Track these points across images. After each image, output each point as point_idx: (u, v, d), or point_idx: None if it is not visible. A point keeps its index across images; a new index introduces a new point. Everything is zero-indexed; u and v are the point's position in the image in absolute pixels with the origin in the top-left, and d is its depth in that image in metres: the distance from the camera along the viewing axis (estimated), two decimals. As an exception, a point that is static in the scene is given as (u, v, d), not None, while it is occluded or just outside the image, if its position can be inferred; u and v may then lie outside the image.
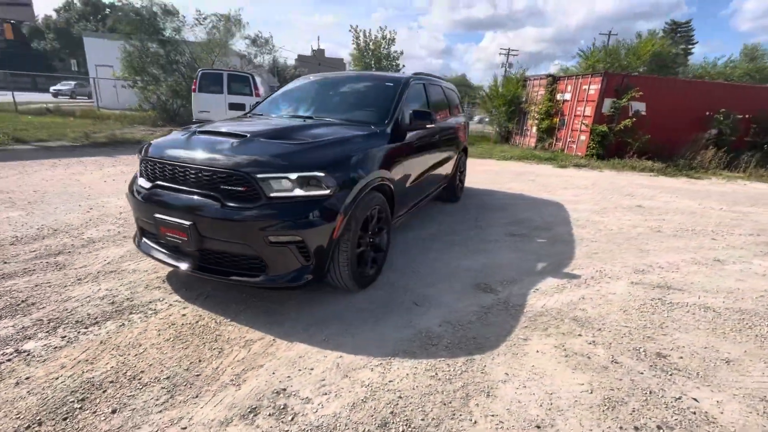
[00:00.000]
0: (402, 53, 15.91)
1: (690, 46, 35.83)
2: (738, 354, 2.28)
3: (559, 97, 12.84)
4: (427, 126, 3.46)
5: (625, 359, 2.18)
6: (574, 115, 12.05)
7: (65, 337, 2.11)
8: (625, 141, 11.02)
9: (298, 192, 2.22)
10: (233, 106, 10.19)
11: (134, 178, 2.67)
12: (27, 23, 34.29)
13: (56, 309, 2.36)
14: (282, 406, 1.71)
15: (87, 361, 1.93)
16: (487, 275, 3.18)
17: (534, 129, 13.77)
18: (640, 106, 11.09)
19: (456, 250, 3.68)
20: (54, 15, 33.83)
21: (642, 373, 2.06)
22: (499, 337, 2.32)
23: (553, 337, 2.35)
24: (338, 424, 1.63)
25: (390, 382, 1.90)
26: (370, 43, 15.17)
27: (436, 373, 1.98)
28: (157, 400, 1.71)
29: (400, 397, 1.80)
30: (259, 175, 2.16)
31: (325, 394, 1.81)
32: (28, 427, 1.54)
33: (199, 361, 1.97)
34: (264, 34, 15.68)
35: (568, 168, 9.69)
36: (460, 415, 1.72)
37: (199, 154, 2.32)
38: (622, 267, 3.50)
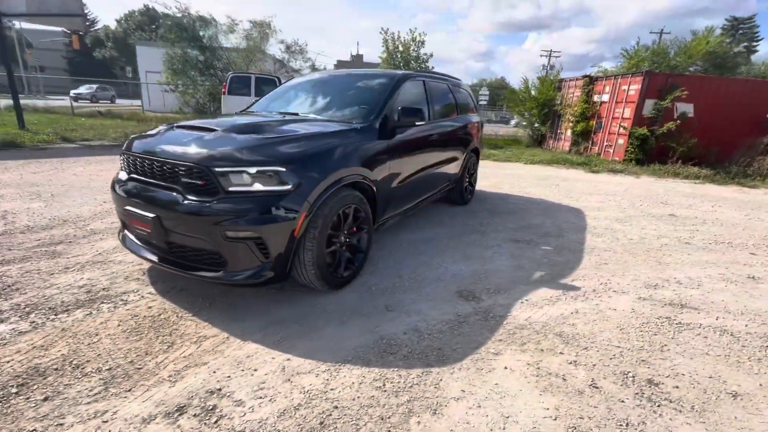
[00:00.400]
0: (431, 55, 15.77)
1: (754, 44, 32.72)
2: (750, 388, 1.95)
3: (596, 98, 12.12)
4: (417, 123, 3.30)
5: (606, 384, 1.92)
6: (612, 118, 11.31)
7: (34, 322, 2.18)
8: (668, 145, 10.18)
9: (258, 187, 2.17)
10: (260, 108, 10.48)
11: (117, 173, 2.75)
12: (90, 33, 37.66)
13: (36, 295, 2.45)
14: (211, 407, 1.65)
15: (42, 347, 1.97)
16: (475, 282, 2.97)
17: (568, 132, 13.08)
18: (687, 108, 10.21)
19: (448, 255, 3.49)
20: (114, 25, 36.99)
21: (623, 402, 1.80)
22: (466, 350, 2.13)
23: (528, 354, 2.13)
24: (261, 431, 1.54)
25: (331, 390, 1.78)
26: (399, 46, 15.10)
27: (384, 384, 1.83)
28: (91, 391, 1.70)
29: (336, 407, 1.68)
30: (217, 169, 2.13)
31: (260, 397, 1.72)
32: (-37, 408, 1.58)
33: (146, 354, 1.96)
34: (299, 40, 15.99)
35: (600, 173, 9.08)
36: (395, 432, 1.57)
37: (166, 148, 2.33)
38: (633, 280, 3.15)
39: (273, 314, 2.39)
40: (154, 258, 2.39)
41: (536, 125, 14.73)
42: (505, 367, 2.01)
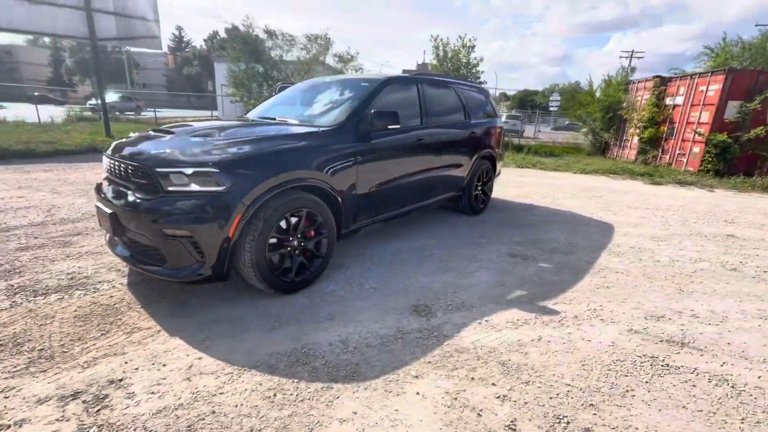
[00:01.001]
0: (482, 59, 15.18)
1: None
2: (723, 457, 1.53)
3: (668, 101, 10.75)
4: (392, 127, 3.16)
5: (527, 427, 1.63)
6: (686, 123, 9.94)
7: (14, 302, 2.47)
8: (757, 154, 8.64)
9: (194, 187, 2.23)
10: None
11: (106, 173, 3.03)
12: (182, 53, 43.17)
13: (30, 278, 2.79)
14: (102, 396, 1.71)
15: (3, 324, 2.22)
16: (439, 297, 2.75)
17: (635, 139, 11.77)
18: (783, 110, 8.60)
19: (426, 266, 3.28)
20: (201, 45, 42.01)
21: (537, 451, 1.52)
22: (385, 369, 1.97)
23: (454, 381, 1.90)
24: (131, 426, 1.56)
25: (221, 394, 1.75)
26: (449, 52, 14.81)
27: (275, 395, 1.76)
28: (15, 367, 1.87)
29: (213, 412, 1.65)
30: (157, 169, 2.24)
31: (152, 393, 1.75)
32: None
33: (79, 339, 2.11)
34: (350, 50, 16.52)
35: (664, 185, 7.97)
36: (254, 447, 1.48)
37: (127, 150, 2.51)
38: (633, 308, 2.68)
39: (213, 313, 2.43)
40: (117, 251, 2.58)
41: (599, 131, 13.47)
42: (417, 393, 1.81)
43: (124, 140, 2.81)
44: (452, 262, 3.41)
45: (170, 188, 2.24)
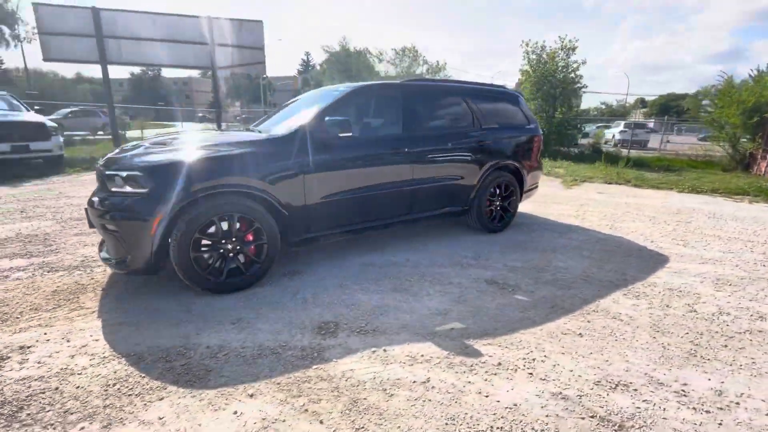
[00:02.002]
0: (584, 62, 13.32)
1: None
2: None
3: None
4: (344, 135, 3.02)
5: (307, 479, 1.39)
6: None
7: (33, 275, 3.13)
8: None
9: (127, 189, 2.53)
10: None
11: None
12: (303, 75, 49.10)
13: (57, 258, 3.49)
14: (4, 358, 2.05)
15: (6, 290, 2.83)
16: (359, 318, 2.53)
17: (790, 151, 8.95)
18: None
19: (383, 283, 3.04)
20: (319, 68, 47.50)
21: None
22: (230, 381, 1.90)
23: (282, 407, 1.73)
24: (-6, 387, 1.83)
25: (79, 374, 1.93)
26: (543, 55, 13.42)
27: (114, 385, 1.85)
28: (-23, 324, 2.37)
29: (56, 388, 1.82)
30: (106, 172, 2.61)
31: (39, 363, 2.02)
32: (-72, 315, 2.47)
33: (35, 309, 2.55)
34: (438, 62, 16.49)
35: (811, 212, 5.86)
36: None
37: (108, 156, 2.97)
38: (590, 368, 2.04)
39: (148, 302, 2.68)
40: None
41: (739, 139, 10.64)
42: (236, 412, 1.71)
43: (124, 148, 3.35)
44: (414, 281, 3.10)
45: (113, 188, 2.58)
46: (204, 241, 2.67)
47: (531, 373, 2.00)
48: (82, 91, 40.76)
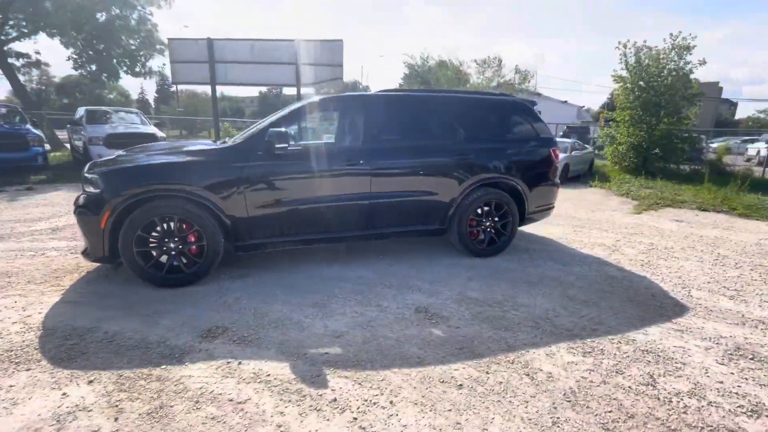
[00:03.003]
0: (703, 63, 10.81)
1: None
2: None
3: None
4: (280, 146, 3.04)
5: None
6: None
7: (59, 250, 3.88)
8: None
9: (90, 189, 2.98)
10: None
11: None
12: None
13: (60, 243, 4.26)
14: (-27, 317, 2.61)
15: (25, 263, 3.57)
16: (249, 328, 2.52)
17: None
18: None
19: (305, 299, 2.98)
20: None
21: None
22: (58, 366, 2.10)
23: (97, 396, 1.85)
24: (-55, 337, 2.35)
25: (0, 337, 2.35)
26: (645, 60, 11.31)
27: (5, 350, 2.21)
28: (-15, 288, 3.04)
29: (-26, 346, 2.25)
30: (84, 174, 3.12)
31: (-11, 324, 2.52)
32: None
33: (30, 281, 3.15)
34: (527, 72, 15.41)
35: None
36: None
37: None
38: (428, 429, 1.70)
39: (105, 288, 3.10)
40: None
41: None
42: (65, 394, 1.88)
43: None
44: (341, 299, 2.97)
45: (85, 189, 3.08)
46: (147, 238, 3.00)
47: (355, 419, 1.75)
48: (222, 108, 49.20)
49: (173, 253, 3.06)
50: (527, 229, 5.07)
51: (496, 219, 3.94)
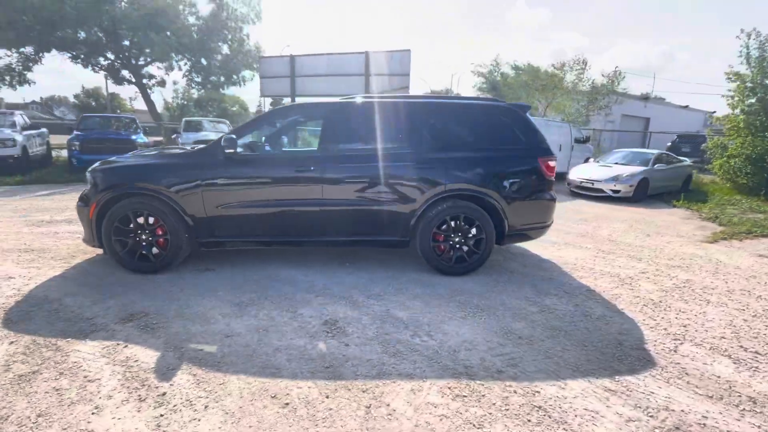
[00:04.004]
0: None
1: None
2: None
3: None
4: (235, 152, 3.24)
5: None
6: None
7: (57, 235, 4.70)
8: None
9: (87, 185, 3.57)
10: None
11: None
12: None
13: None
14: (-6, 280, 3.33)
15: (46, 241, 4.39)
16: (162, 316, 2.74)
17: None
18: None
19: (236, 297, 3.09)
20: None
21: None
22: (23, 330, 2.52)
23: (2, 355, 2.21)
24: (-37, 294, 3.05)
25: (-8, 299, 2.96)
26: None
27: (-14, 310, 2.77)
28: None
29: (-29, 303, 2.87)
30: (86, 171, 3.73)
31: (-2, 287, 3.20)
32: None
33: (51, 257, 3.88)
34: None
35: None
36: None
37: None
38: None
39: (99, 269, 3.66)
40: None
41: None
42: (-15, 349, 2.30)
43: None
44: (267, 301, 3.03)
45: (88, 184, 3.69)
46: (123, 229, 3.46)
47: (162, 415, 1.79)
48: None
49: (143, 243, 3.49)
50: (535, 249, 4.49)
51: (469, 235, 3.58)
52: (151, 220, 3.41)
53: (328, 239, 3.60)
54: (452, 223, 3.56)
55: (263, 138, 3.88)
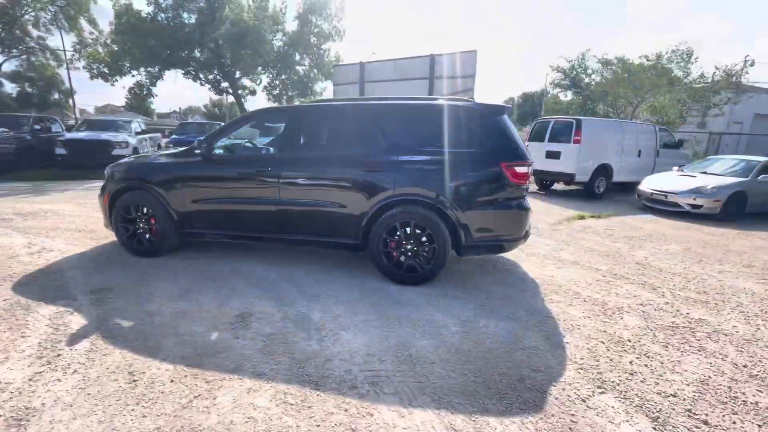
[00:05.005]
0: None
1: None
2: None
3: None
4: (196, 152, 3.56)
5: None
6: None
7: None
8: None
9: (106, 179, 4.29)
10: (549, 155, 9.37)
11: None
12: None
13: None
14: None
15: (60, 222, 5.30)
16: (120, 298, 3.16)
17: None
18: None
19: (193, 284, 3.41)
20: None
21: None
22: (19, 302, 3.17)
23: (-11, 311, 2.82)
24: None
25: (20, 263, 3.76)
26: None
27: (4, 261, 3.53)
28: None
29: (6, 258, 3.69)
30: (105, 170, 4.46)
31: (29, 253, 4.04)
32: None
33: (86, 236, 4.75)
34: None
35: None
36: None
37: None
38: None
39: (116, 248, 4.37)
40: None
41: None
42: (-15, 303, 2.95)
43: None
44: (210, 290, 3.28)
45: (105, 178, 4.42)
46: (127, 217, 4.07)
47: (39, 373, 2.11)
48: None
49: (140, 231, 4.06)
50: (528, 265, 4.04)
51: (422, 242, 3.37)
52: (138, 209, 3.96)
53: (285, 237, 3.74)
54: (405, 230, 3.40)
55: (245, 141, 4.22)
